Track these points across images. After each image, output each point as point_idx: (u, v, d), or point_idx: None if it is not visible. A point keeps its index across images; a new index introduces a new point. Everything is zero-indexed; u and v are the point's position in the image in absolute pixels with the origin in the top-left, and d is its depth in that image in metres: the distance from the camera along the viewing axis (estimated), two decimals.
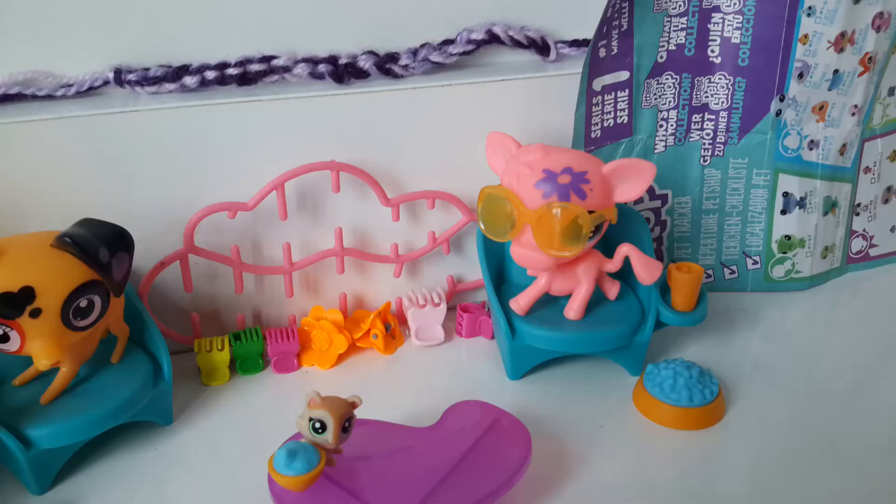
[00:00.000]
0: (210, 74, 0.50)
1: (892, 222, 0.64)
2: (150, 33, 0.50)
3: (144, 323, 0.47)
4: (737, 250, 0.60)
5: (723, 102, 0.56)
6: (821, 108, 0.56)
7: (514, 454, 0.40)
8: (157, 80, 0.50)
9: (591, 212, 0.43)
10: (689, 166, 0.58)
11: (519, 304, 0.49)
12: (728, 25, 0.54)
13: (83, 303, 0.39)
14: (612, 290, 0.50)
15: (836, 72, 0.55)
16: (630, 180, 0.45)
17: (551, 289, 0.49)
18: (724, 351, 0.53)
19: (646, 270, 0.47)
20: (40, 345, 0.38)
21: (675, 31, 0.54)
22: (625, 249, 0.47)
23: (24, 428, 0.40)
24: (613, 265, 0.49)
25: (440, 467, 0.39)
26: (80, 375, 0.43)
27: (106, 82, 0.50)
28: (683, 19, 0.54)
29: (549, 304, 0.50)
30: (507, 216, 0.45)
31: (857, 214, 0.62)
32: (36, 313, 0.38)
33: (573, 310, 0.49)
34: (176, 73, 0.50)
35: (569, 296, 0.49)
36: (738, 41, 0.54)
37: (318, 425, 0.36)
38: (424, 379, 0.51)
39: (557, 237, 0.43)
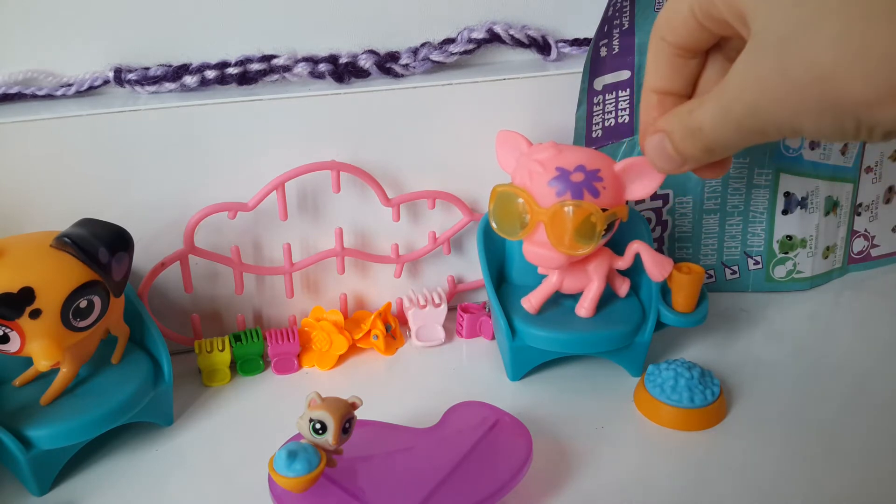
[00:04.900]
0: (210, 74, 0.50)
1: (894, 222, 0.64)
2: (150, 32, 0.50)
3: (144, 323, 0.47)
4: (738, 250, 0.60)
5: None
6: None
7: (514, 455, 0.40)
8: (157, 80, 0.50)
9: (603, 210, 0.43)
10: None
11: (530, 302, 0.49)
12: None
13: (83, 303, 0.39)
14: (623, 287, 0.50)
15: None
16: (641, 178, 0.45)
17: (562, 287, 0.48)
18: (725, 351, 0.53)
19: (657, 267, 0.47)
20: (40, 345, 0.38)
21: None
22: (636, 246, 0.47)
23: (25, 429, 0.40)
24: (624, 262, 0.48)
25: (441, 468, 0.39)
26: (80, 376, 0.43)
27: (106, 81, 0.50)
28: None
29: (551, 304, 0.50)
30: (520, 214, 0.44)
31: (859, 214, 0.62)
32: (36, 314, 0.38)
33: (585, 307, 0.48)
34: (176, 73, 0.50)
35: (573, 294, 0.49)
36: None
37: (318, 426, 0.36)
38: (425, 379, 0.51)
39: (571, 235, 0.43)
